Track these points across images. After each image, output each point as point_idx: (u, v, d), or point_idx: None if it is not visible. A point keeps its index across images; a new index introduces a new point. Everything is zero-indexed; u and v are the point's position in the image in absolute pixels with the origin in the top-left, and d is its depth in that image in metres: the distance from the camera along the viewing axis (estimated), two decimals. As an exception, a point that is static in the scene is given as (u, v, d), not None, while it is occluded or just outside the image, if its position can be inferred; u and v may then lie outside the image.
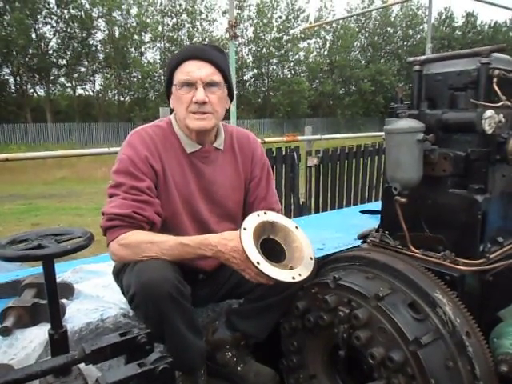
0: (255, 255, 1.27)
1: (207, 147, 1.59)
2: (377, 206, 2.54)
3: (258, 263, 1.26)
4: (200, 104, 1.47)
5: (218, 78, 1.49)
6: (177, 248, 1.37)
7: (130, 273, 1.40)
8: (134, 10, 26.28)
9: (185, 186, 1.55)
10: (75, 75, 26.32)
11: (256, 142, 1.75)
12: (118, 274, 1.58)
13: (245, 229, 1.31)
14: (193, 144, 1.57)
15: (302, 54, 30.64)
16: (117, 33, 26.18)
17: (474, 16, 34.41)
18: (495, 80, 1.41)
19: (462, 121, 1.48)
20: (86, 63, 25.99)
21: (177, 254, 1.38)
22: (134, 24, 26.31)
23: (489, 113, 1.40)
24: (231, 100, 1.63)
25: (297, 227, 1.46)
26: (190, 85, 1.46)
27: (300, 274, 1.32)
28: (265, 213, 1.43)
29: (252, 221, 1.36)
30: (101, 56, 26.41)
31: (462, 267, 1.46)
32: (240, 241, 1.29)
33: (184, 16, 27.61)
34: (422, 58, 1.62)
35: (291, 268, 1.34)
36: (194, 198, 1.57)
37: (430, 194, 1.57)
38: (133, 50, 27.06)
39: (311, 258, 1.38)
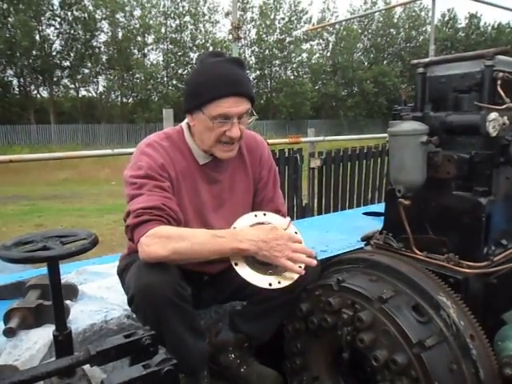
0: (235, 257, 1.27)
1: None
2: (380, 207, 2.54)
3: (235, 264, 1.26)
4: (233, 138, 1.46)
5: (249, 106, 1.48)
6: (209, 240, 1.33)
7: (131, 273, 1.41)
8: (137, 12, 26.44)
9: (196, 196, 1.55)
10: (78, 77, 26.46)
11: (263, 144, 1.75)
12: (122, 273, 1.59)
13: (234, 228, 1.31)
14: (205, 156, 1.56)
15: (304, 55, 30.68)
16: (120, 34, 26.28)
17: (478, 17, 34.36)
18: (499, 82, 1.41)
19: (465, 123, 1.48)
20: (90, 65, 26.09)
21: (207, 248, 1.32)
22: (137, 26, 26.40)
23: (493, 115, 1.40)
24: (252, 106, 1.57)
25: (296, 232, 1.45)
26: (225, 120, 1.44)
27: (279, 282, 1.31)
28: (264, 214, 1.41)
29: (245, 221, 1.35)
30: (104, 57, 26.53)
31: (465, 270, 1.45)
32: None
33: (187, 18, 27.68)
34: (426, 60, 1.62)
35: (271, 274, 1.34)
36: (205, 207, 1.57)
37: (433, 196, 1.57)
38: (136, 51, 27.17)
39: (300, 267, 1.36)
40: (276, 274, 1.35)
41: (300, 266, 1.37)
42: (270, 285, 1.30)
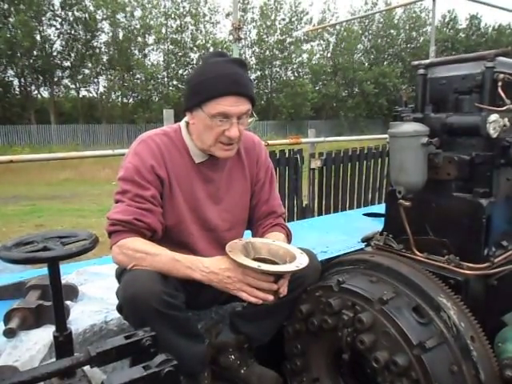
0: (253, 263, 1.29)
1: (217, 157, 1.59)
2: (380, 208, 2.54)
3: (259, 266, 1.27)
4: (232, 138, 1.47)
5: (249, 107, 1.48)
6: (168, 263, 1.38)
7: (121, 282, 1.42)
8: (138, 13, 26.43)
9: (191, 193, 1.55)
10: (79, 77, 26.44)
11: (260, 145, 1.75)
12: (120, 276, 1.59)
13: (230, 251, 1.33)
14: (202, 155, 1.56)
15: (305, 56, 30.67)
16: (121, 35, 26.27)
17: (478, 18, 34.35)
18: (500, 84, 1.41)
19: (466, 124, 1.48)
20: (90, 65, 26.07)
21: (166, 269, 1.38)
22: (138, 26, 26.40)
23: (493, 117, 1.40)
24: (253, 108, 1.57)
25: (274, 241, 1.49)
26: (225, 119, 1.44)
27: (301, 263, 1.34)
28: (240, 239, 1.47)
29: (233, 245, 1.39)
30: (105, 58, 26.52)
31: (466, 271, 1.45)
32: (233, 259, 1.30)
33: (188, 18, 27.67)
34: (427, 61, 1.62)
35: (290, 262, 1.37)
36: (202, 205, 1.57)
37: (434, 197, 1.57)
38: (136, 51, 27.15)
39: (301, 253, 1.41)
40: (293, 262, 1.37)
41: (301, 253, 1.41)
42: (298, 266, 1.32)
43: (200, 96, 1.45)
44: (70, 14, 24.84)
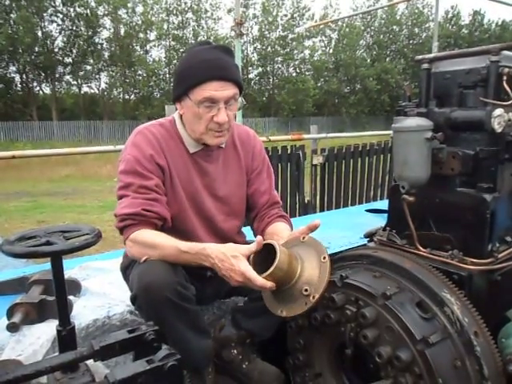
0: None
1: (210, 146, 1.59)
2: (382, 204, 2.54)
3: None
4: (221, 124, 1.47)
5: (236, 91, 1.48)
6: (176, 255, 1.38)
7: (134, 272, 1.43)
8: (140, 8, 26.41)
9: (189, 183, 1.56)
10: (81, 73, 26.46)
11: (256, 138, 1.76)
12: (126, 270, 1.60)
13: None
14: (196, 144, 1.57)
15: (307, 52, 30.62)
16: (122, 31, 26.28)
17: (482, 14, 34.20)
18: (505, 78, 1.40)
19: (470, 119, 1.47)
20: (92, 61, 26.08)
21: (176, 261, 1.39)
22: (140, 22, 26.39)
23: (498, 111, 1.39)
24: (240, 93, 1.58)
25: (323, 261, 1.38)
26: (212, 104, 1.44)
27: (289, 311, 1.36)
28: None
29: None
30: (106, 54, 26.52)
31: (469, 266, 1.45)
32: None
33: (189, 14, 27.64)
34: (431, 56, 1.61)
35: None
36: (199, 194, 1.58)
37: (437, 192, 1.56)
38: (138, 48, 27.16)
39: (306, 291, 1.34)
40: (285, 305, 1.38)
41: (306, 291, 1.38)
42: (282, 312, 1.36)
43: (185, 83, 1.46)
44: (71, 9, 24.84)
